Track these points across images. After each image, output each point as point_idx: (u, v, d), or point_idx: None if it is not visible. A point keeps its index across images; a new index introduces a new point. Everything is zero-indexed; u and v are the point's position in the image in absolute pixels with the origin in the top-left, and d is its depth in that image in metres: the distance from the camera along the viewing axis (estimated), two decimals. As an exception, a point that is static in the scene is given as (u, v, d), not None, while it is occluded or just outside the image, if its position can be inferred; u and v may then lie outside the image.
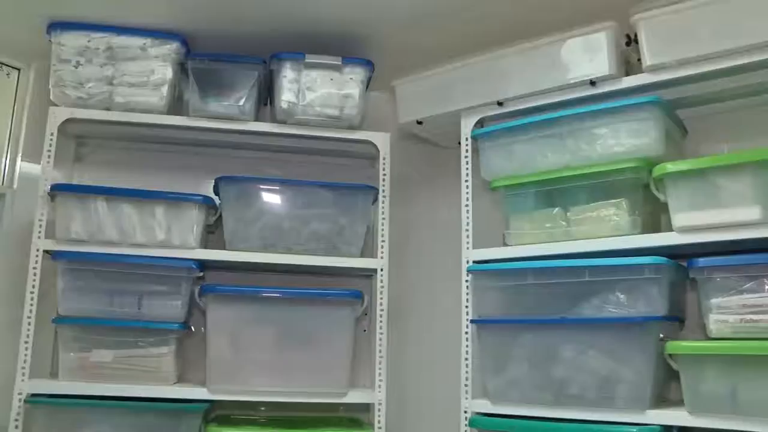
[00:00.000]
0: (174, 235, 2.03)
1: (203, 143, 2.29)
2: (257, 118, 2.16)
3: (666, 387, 1.80)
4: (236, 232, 2.07)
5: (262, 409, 2.24)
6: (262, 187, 2.13)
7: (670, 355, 1.60)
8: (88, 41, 2.04)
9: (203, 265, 2.08)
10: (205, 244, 2.10)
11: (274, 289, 2.08)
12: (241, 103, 2.10)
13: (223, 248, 2.07)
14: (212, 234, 2.22)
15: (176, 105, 2.16)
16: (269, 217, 2.10)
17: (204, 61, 2.10)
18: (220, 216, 2.10)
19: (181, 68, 2.14)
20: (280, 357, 2.04)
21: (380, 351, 2.06)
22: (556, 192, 1.86)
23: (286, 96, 2.10)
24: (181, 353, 2.11)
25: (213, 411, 2.18)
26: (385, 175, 2.16)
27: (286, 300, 2.06)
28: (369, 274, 2.17)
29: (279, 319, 2.05)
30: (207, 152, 2.34)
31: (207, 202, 2.07)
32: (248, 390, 2.00)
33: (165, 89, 2.07)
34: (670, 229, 1.67)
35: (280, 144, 2.26)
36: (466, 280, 1.95)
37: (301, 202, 2.12)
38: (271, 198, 2.13)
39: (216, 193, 2.13)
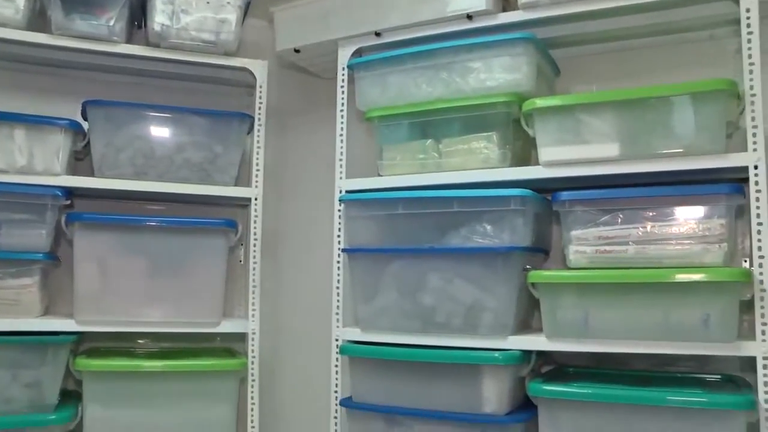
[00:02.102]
0: (37, 161, 1.91)
1: (70, 65, 2.15)
2: (129, 41, 2.04)
3: (530, 315, 1.89)
4: (105, 158, 1.98)
5: (141, 342, 2.20)
6: (133, 112, 2.02)
7: (532, 284, 1.68)
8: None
9: (71, 193, 1.98)
10: (72, 171, 2.00)
11: (144, 217, 2.02)
12: (111, 23, 1.98)
13: (92, 176, 1.98)
14: (81, 161, 2.11)
15: (38, 21, 2.00)
16: (140, 144, 2.01)
17: (69, -28, 1.95)
18: (89, 142, 1.99)
19: (42, -22, 1.98)
20: (151, 287, 1.99)
21: (254, 280, 2.06)
22: (429, 124, 1.88)
23: (159, 18, 2.00)
24: (48, 285, 2.02)
25: (83, 344, 2.12)
26: (261, 103, 2.11)
27: (156, 228, 2.00)
28: (244, 203, 2.14)
29: (150, 248, 1.99)
30: (75, 75, 2.20)
31: (74, 127, 1.95)
32: (117, 321, 1.95)
33: (22, 1, 1.91)
34: (539, 164, 1.73)
35: (154, 69, 2.16)
36: (339, 210, 1.96)
37: (174, 129, 2.05)
38: (143, 124, 2.03)
39: (84, 118, 2.01)
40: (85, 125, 2.01)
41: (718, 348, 1.51)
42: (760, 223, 1.51)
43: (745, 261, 1.74)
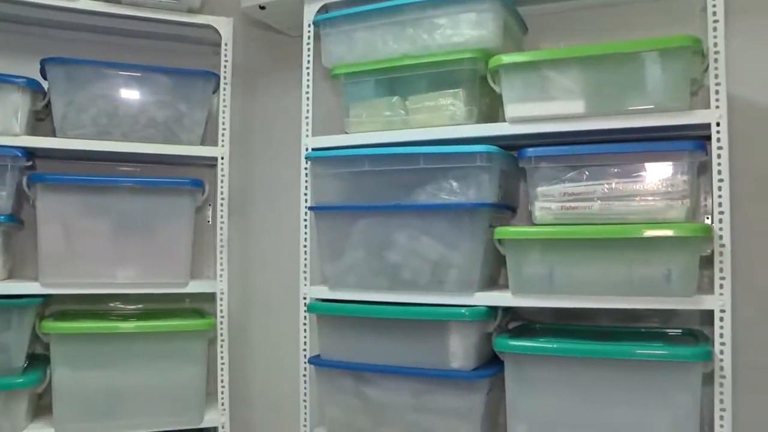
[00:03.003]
0: (-6, 121, 1.87)
1: (27, 20, 2.09)
2: (89, -4, 1.99)
3: (496, 272, 1.92)
4: (67, 118, 1.94)
5: (109, 304, 2.19)
6: (94, 70, 1.97)
7: (498, 240, 1.69)
8: None
9: (32, 154, 1.94)
10: (33, 132, 1.95)
11: (108, 177, 2.00)
12: (71, -24, 1.93)
13: (54, 136, 1.94)
14: (42, 121, 2.07)
15: (-8, -25, 1.94)
16: (103, 103, 1.97)
17: None
18: (50, 102, 1.94)
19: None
20: (117, 248, 1.97)
21: (221, 240, 2.05)
22: (396, 81, 1.86)
23: (121, -28, 1.95)
24: (11, 248, 2.00)
25: (50, 307, 2.11)
26: (227, 62, 2.08)
27: (122, 189, 1.98)
28: (211, 163, 2.12)
29: (115, 209, 1.97)
30: (32, 31, 2.14)
31: (32, 85, 1.91)
32: (84, 283, 1.94)
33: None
34: (505, 121, 1.72)
35: (116, 26, 2.11)
36: (305, 168, 1.95)
37: (138, 88, 2.01)
38: (105, 83, 1.99)
39: (43, 76, 1.97)
40: (45, 84, 1.96)
41: (679, 302, 1.54)
42: (721, 180, 1.53)
43: (707, 218, 1.78)
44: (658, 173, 1.59)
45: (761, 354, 1.76)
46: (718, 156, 1.53)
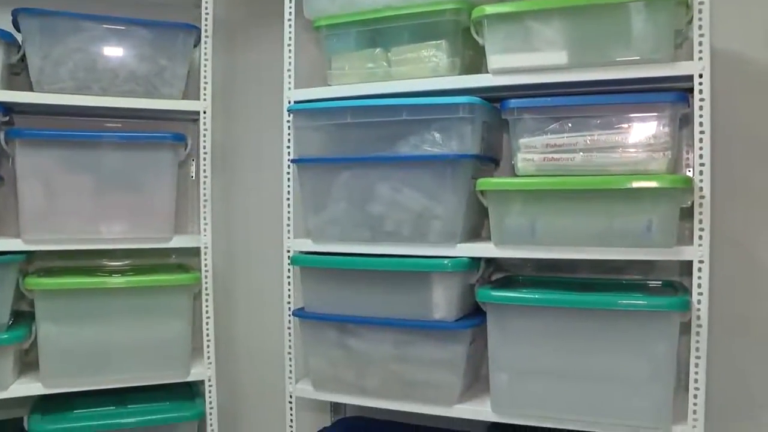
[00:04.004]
0: (-34, 75, 1.84)
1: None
2: (64, -53, 1.94)
3: (479, 225, 1.93)
4: (43, 72, 1.90)
5: (93, 260, 2.18)
6: (70, 23, 1.93)
7: (480, 192, 1.69)
8: None
9: (9, 109, 1.92)
10: (8, 86, 1.92)
11: (89, 132, 1.97)
12: (43, -74, 1.88)
13: (31, 90, 1.90)
14: (18, 75, 2.03)
15: None
16: (81, 57, 1.93)
17: None
18: (25, 55, 1.90)
19: None
20: (100, 204, 1.96)
21: (205, 195, 2.04)
22: (378, 32, 1.85)
23: (97, -75, 1.90)
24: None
25: (34, 264, 2.11)
26: (207, 14, 2.04)
27: (103, 144, 1.95)
28: (193, 118, 2.09)
29: (97, 165, 1.95)
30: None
31: (5, 37, 1.86)
32: (66, 239, 1.92)
33: None
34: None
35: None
36: (288, 121, 1.94)
37: (117, 41, 1.97)
38: (83, 35, 1.94)
39: (17, 28, 1.92)
40: (19, 37, 1.92)
41: (659, 253, 1.56)
42: (702, 132, 1.54)
43: (689, 171, 1.79)
44: (640, 125, 1.60)
45: (737, 304, 1.80)
46: (700, 108, 1.53)
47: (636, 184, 1.54)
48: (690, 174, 1.76)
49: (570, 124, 1.65)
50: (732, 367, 1.80)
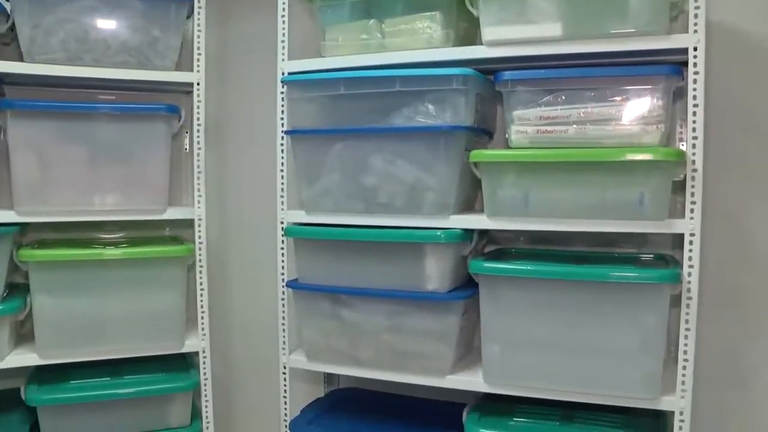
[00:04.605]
0: (-46, 44, 1.83)
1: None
2: None
3: (473, 197, 1.93)
4: (34, 42, 1.88)
5: (88, 233, 2.19)
6: (60, -9, 1.91)
7: (474, 164, 1.70)
8: None
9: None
10: (-3, 56, 1.91)
11: (82, 104, 1.96)
12: None
13: (21, 61, 1.89)
14: (7, 46, 2.01)
15: None
16: (72, 27, 1.91)
17: None
18: (14, 25, 1.88)
19: None
20: (93, 176, 1.95)
21: (198, 166, 2.04)
22: (372, 3, 1.84)
23: None
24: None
25: (28, 236, 2.11)
26: (200, -16, 2.03)
27: (96, 115, 1.94)
28: (187, 90, 2.08)
29: (89, 136, 1.94)
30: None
31: (-6, 6, 1.85)
32: (60, 211, 1.92)
33: None
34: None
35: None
36: (281, 92, 1.93)
37: (108, 11, 1.95)
38: (73, 5, 1.91)
39: (2, -3, 1.90)
40: (8, 6, 1.88)
41: (650, 225, 1.57)
42: (695, 105, 1.53)
43: (682, 145, 1.79)
44: (634, 98, 1.59)
45: (727, 277, 1.81)
46: (694, 81, 1.53)
47: (629, 157, 1.54)
48: (683, 147, 1.76)
49: (564, 97, 1.64)
50: (721, 340, 1.82)
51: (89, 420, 1.95)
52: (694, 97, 1.53)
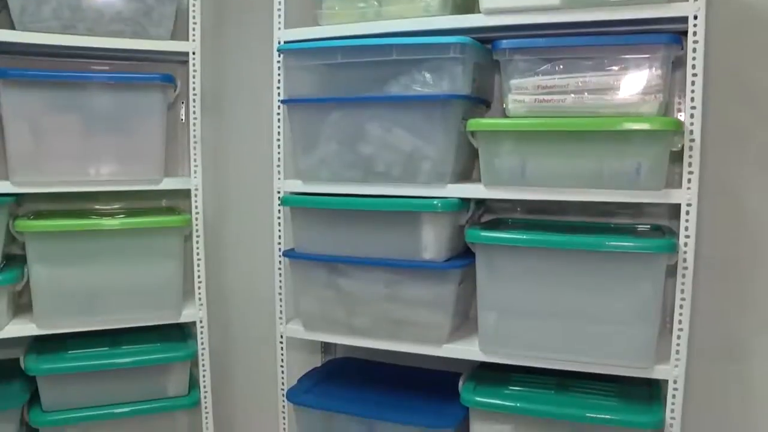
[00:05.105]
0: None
1: None
2: None
3: (470, 167, 1.93)
4: (26, 10, 1.85)
5: (85, 203, 2.18)
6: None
7: (471, 133, 1.69)
8: None
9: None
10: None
11: (77, 73, 1.95)
12: None
13: (13, 29, 1.86)
14: (-1, 14, 2.00)
15: None
16: (64, -5, 1.90)
17: None
18: (4, -7, 1.87)
19: None
20: (89, 145, 1.94)
21: (195, 136, 2.03)
22: (369, -30, 1.82)
23: None
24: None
25: (24, 207, 2.11)
26: (195, -49, 2.00)
27: (91, 85, 1.93)
28: (182, 59, 2.06)
29: (84, 106, 1.92)
30: None
31: (-18, -27, 1.83)
32: (56, 181, 1.92)
33: None
34: (480, 13, 1.70)
35: None
36: (278, 61, 1.91)
37: (103, -22, 1.93)
38: (65, -28, 1.91)
39: (-8, -37, 1.88)
40: (-3, -27, 1.88)
41: (647, 195, 1.57)
42: (695, 74, 1.52)
43: (680, 115, 1.78)
44: (632, 67, 1.58)
45: (723, 248, 1.82)
46: (694, 50, 1.52)
47: (626, 126, 1.53)
48: (681, 118, 1.75)
49: (562, 66, 1.63)
50: (715, 310, 1.83)
51: (88, 389, 1.97)
52: (694, 66, 1.52)
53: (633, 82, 1.58)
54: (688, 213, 1.54)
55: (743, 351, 1.82)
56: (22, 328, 1.91)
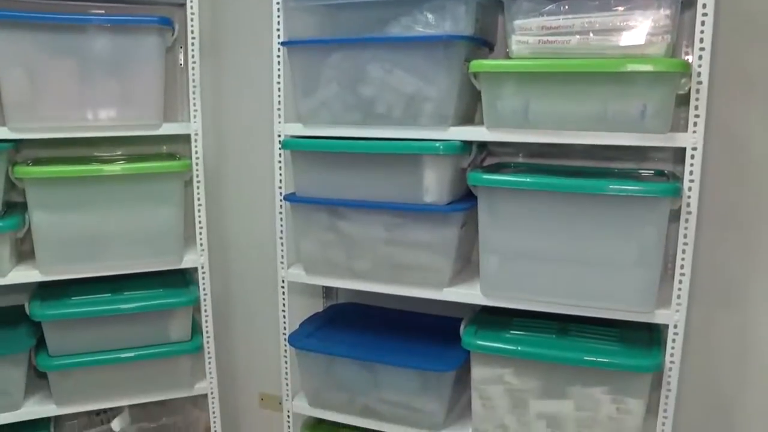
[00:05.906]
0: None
1: None
2: None
3: (472, 110, 1.90)
4: (21, -50, 1.83)
5: (84, 149, 2.17)
6: None
7: (474, 75, 1.66)
8: None
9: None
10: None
11: (71, 15, 1.90)
12: None
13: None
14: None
15: None
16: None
17: None
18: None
19: None
20: (86, 89, 1.91)
21: (194, 81, 2.00)
22: None
23: None
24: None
25: (22, 154, 2.10)
26: None
27: (87, 28, 1.88)
28: (181, 2, 2.02)
29: (81, 50, 1.88)
30: None
31: None
32: (53, 126, 1.89)
33: None
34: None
35: None
36: (277, 2, 1.87)
37: None
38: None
39: None
40: None
41: (652, 138, 1.54)
42: (705, 14, 1.48)
43: (688, 58, 1.74)
44: (639, 7, 1.54)
45: (727, 193, 1.80)
46: (704, -11, 1.48)
47: (631, 68, 1.50)
48: (689, 60, 1.72)
49: (567, 6, 1.59)
50: (717, 256, 1.82)
51: (93, 335, 1.99)
52: (704, 6, 1.48)
53: (640, 22, 1.54)
54: (693, 157, 1.52)
55: (744, 298, 1.82)
56: (26, 274, 1.92)
